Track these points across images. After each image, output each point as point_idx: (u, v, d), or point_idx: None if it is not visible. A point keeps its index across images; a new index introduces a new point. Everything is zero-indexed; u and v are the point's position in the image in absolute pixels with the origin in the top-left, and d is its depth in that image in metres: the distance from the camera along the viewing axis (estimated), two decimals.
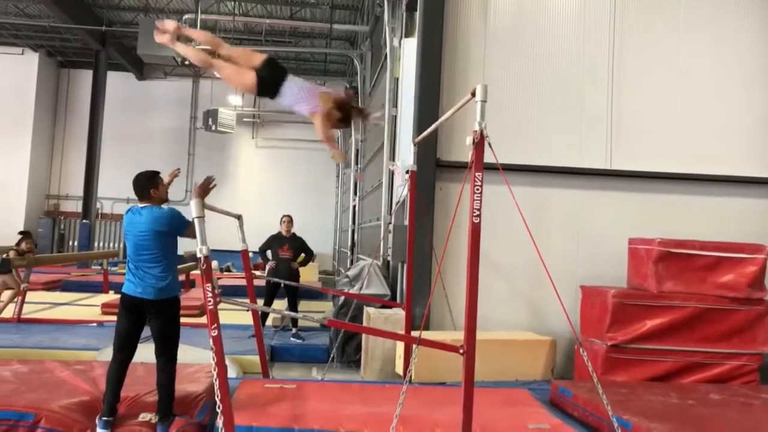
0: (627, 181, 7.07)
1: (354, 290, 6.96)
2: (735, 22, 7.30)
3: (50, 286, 12.09)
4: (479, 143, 3.34)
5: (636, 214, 6.98)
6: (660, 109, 7.16)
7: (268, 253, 8.00)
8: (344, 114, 4.07)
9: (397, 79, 8.41)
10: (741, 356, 5.69)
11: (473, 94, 3.42)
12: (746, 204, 7.17)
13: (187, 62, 15.88)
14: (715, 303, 5.71)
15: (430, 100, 6.76)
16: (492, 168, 3.70)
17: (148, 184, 4.03)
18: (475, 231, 3.32)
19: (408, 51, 7.70)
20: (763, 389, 5.39)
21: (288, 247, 7.96)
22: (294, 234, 8.16)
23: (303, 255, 8.11)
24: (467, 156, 3.40)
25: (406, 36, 8.14)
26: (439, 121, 4.86)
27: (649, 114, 7.14)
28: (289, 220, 8.15)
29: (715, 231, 6.69)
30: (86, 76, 20.05)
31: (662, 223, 6.85)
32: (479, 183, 3.31)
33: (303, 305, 9.84)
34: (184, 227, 3.93)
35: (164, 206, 4.04)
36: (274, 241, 8.03)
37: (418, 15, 7.14)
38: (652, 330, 5.66)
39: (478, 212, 3.31)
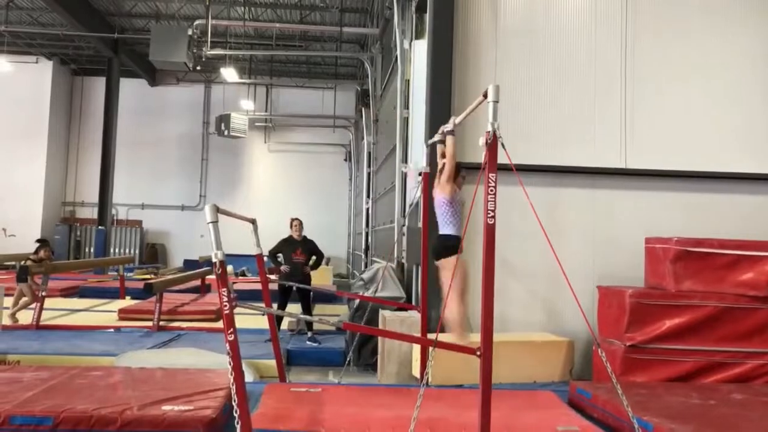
0: (643, 180, 7.00)
1: (369, 293, 6.95)
2: (749, 16, 7.21)
3: (67, 293, 12.19)
4: (492, 144, 3.32)
5: (652, 213, 6.91)
6: (674, 106, 7.08)
7: (280, 257, 8.02)
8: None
9: (408, 81, 8.40)
10: (763, 355, 5.60)
11: (485, 95, 3.40)
12: (765, 201, 7.07)
13: (198, 68, 15.99)
14: (735, 302, 5.62)
15: (441, 102, 6.74)
16: (506, 169, 3.67)
17: None
18: (490, 232, 3.29)
19: (418, 53, 7.69)
20: None
21: (301, 251, 7.97)
22: (305, 237, 8.17)
23: (314, 258, 8.12)
24: (480, 157, 3.38)
25: (416, 38, 8.13)
26: (453, 122, 4.83)
27: (663, 112, 7.06)
28: (299, 224, 8.15)
29: (734, 229, 6.60)
30: (99, 83, 20.25)
31: (679, 222, 6.78)
32: (493, 184, 3.28)
33: (318, 309, 9.86)
34: None
35: None
36: (286, 245, 8.04)
37: (428, 16, 7.13)
38: (671, 330, 5.59)
39: (492, 213, 3.28)
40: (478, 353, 3.27)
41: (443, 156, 4.81)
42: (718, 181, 7.03)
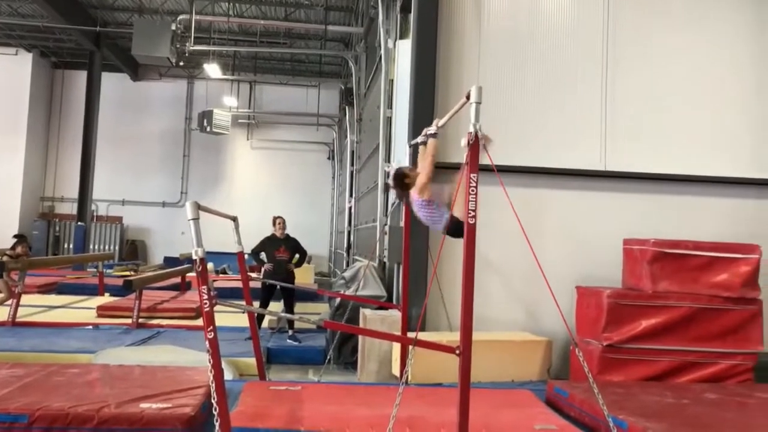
0: (621, 182, 7.08)
1: (350, 292, 6.96)
2: (730, 20, 7.33)
3: (45, 289, 12.04)
4: (474, 145, 3.35)
5: (631, 215, 6.99)
6: (654, 109, 7.17)
7: (263, 255, 8.01)
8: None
9: (392, 80, 8.41)
10: (735, 356, 5.71)
11: (468, 97, 3.42)
12: (739, 204, 7.20)
13: (181, 63, 15.87)
14: (710, 303, 5.72)
15: (425, 102, 6.77)
16: (487, 169, 3.71)
17: None
18: (471, 232, 3.32)
19: (402, 52, 7.71)
20: (758, 388, 5.42)
21: (284, 249, 7.97)
22: (288, 235, 8.18)
23: (297, 256, 8.13)
24: (462, 157, 3.41)
25: (400, 38, 8.14)
26: (436, 125, 4.85)
27: (643, 115, 7.15)
28: (282, 222, 8.15)
29: (709, 231, 6.71)
30: (81, 77, 20.00)
31: (657, 224, 6.87)
32: (474, 184, 3.31)
33: (299, 307, 9.83)
34: None
35: None
36: (269, 243, 8.03)
37: (412, 16, 7.15)
38: (647, 330, 5.67)
39: (473, 213, 3.31)
40: (457, 352, 3.30)
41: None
42: (695, 184, 7.15)
